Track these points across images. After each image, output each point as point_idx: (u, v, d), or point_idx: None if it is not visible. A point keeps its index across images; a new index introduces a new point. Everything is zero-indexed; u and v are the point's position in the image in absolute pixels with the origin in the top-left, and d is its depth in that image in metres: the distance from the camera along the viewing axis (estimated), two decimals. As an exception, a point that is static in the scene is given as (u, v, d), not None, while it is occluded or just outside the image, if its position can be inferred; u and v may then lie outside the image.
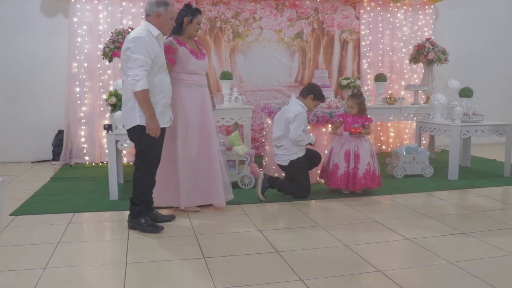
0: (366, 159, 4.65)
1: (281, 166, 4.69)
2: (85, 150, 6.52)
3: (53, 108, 6.65)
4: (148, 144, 3.56)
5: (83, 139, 6.49)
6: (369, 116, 4.85)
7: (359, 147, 4.69)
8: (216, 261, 3.06)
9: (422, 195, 4.83)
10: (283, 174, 4.86)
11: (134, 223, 3.70)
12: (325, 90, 5.64)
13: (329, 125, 5.25)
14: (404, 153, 5.63)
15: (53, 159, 6.58)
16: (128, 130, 3.63)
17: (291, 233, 3.61)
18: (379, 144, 7.60)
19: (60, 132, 6.64)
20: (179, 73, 4.11)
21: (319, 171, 5.02)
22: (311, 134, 4.84)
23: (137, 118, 3.51)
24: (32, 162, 6.65)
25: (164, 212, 4.03)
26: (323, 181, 4.95)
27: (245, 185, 5.03)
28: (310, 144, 4.71)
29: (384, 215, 4.11)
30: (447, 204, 4.47)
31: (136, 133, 3.56)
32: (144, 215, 3.71)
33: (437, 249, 3.25)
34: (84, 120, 6.47)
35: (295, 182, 4.61)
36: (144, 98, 3.44)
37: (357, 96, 4.76)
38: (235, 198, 4.52)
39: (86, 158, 6.52)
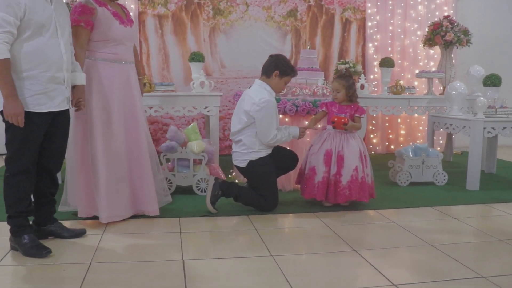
0: (352, 162, 3.42)
1: (238, 168, 3.52)
2: None
3: None
4: (16, 134, 2.45)
5: None
6: (360, 106, 3.62)
7: (344, 146, 3.46)
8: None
9: (430, 211, 3.57)
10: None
11: (15, 243, 2.61)
12: (313, 75, 4.44)
13: (312, 117, 4.04)
14: (410, 155, 4.38)
15: None
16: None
17: (226, 264, 2.45)
18: (387, 144, 6.32)
19: None
20: (97, 43, 3.01)
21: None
22: (293, 126, 3.59)
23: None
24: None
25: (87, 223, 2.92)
26: (299, 187, 3.75)
27: (201, 191, 3.87)
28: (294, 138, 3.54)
29: (368, 241, 2.90)
30: (463, 226, 3.21)
31: (4, 120, 2.47)
32: (28, 230, 2.61)
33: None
34: None
35: (257, 190, 3.43)
36: (1, 71, 2.32)
37: (344, 77, 3.53)
38: (175, 207, 3.41)
39: None
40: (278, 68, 3.42)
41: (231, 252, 2.65)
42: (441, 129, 4.81)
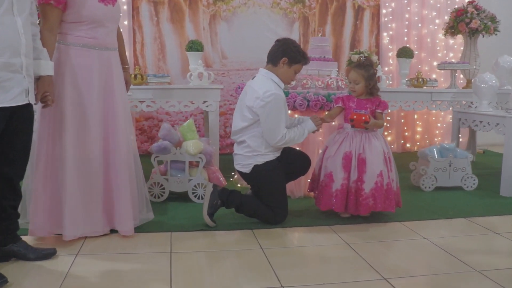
0: (376, 166, 2.88)
1: (241, 174, 2.98)
2: None
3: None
4: None
5: None
6: (381, 99, 3.07)
7: (365, 147, 2.92)
8: None
9: (465, 224, 3.02)
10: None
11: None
12: (325, 65, 3.89)
13: (326, 114, 3.51)
14: (436, 156, 3.83)
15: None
16: None
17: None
18: (402, 142, 5.76)
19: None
20: (71, 25, 2.47)
21: (309, 180, 3.29)
22: (305, 118, 3.04)
23: None
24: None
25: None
26: (313, 196, 3.21)
27: (198, 198, 3.34)
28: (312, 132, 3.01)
29: (400, 265, 2.35)
30: (502, 242, 2.68)
31: None
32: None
33: None
34: None
35: (263, 199, 2.90)
36: None
37: (364, 66, 2.98)
38: (167, 218, 2.91)
39: None
40: (286, 55, 2.86)
41: (231, 282, 2.12)
42: (468, 127, 4.26)
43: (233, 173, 3.99)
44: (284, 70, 2.88)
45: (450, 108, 4.55)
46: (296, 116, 3.30)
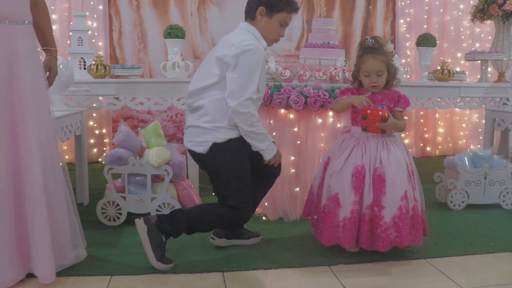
0: (400, 185, 2.07)
1: (194, 156, 2.15)
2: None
3: None
4: None
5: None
6: (401, 93, 2.25)
7: (384, 159, 2.11)
8: None
9: (508, 259, 2.20)
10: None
11: None
12: (329, 53, 3.10)
13: (330, 113, 2.70)
14: (468, 166, 3.01)
15: None
16: None
17: None
18: (421, 145, 4.91)
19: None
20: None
21: (306, 197, 2.48)
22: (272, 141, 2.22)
23: None
24: None
25: None
26: (311, 223, 2.40)
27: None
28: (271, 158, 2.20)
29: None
30: None
31: None
32: None
33: None
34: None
35: (221, 192, 2.12)
36: None
37: (381, 50, 2.17)
38: (116, 250, 2.15)
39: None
40: (262, 2, 2.10)
41: None
42: (505, 129, 3.42)
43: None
44: (265, 23, 2.14)
45: (483, 106, 3.70)
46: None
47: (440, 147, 4.94)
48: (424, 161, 4.66)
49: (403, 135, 4.82)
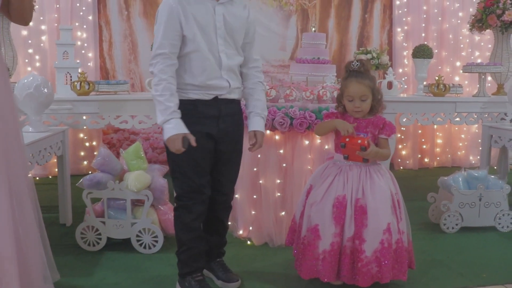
0: (382, 217, 1.96)
1: None
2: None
3: None
4: None
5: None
6: (387, 120, 2.15)
7: (366, 189, 2.00)
8: None
9: (505, 294, 2.11)
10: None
11: None
12: (318, 69, 3.00)
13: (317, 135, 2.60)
14: (462, 187, 2.90)
15: None
16: None
17: None
18: (419, 156, 4.80)
19: None
20: None
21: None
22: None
23: None
24: None
25: None
26: (293, 253, 2.30)
27: (144, 246, 2.49)
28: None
29: None
30: None
31: None
32: None
33: None
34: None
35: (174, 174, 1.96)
36: None
37: (366, 74, 2.05)
38: (92, 281, 2.04)
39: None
40: None
41: None
42: (503, 147, 3.31)
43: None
44: None
45: (480, 121, 3.58)
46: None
47: (438, 158, 4.83)
48: (421, 173, 4.56)
49: (400, 146, 4.72)
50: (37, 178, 4.15)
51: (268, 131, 2.57)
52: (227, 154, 1.99)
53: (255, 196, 2.64)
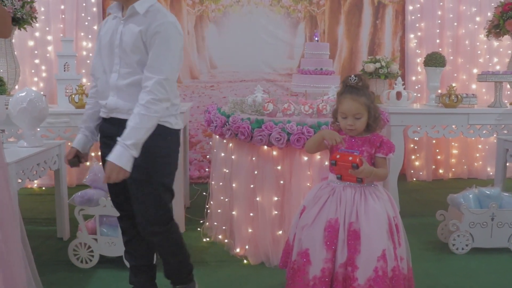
0: (376, 243, 1.84)
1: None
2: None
3: None
4: None
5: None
6: (384, 138, 2.02)
7: (360, 212, 1.89)
8: None
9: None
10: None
11: None
12: (321, 80, 2.90)
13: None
14: (473, 205, 2.74)
15: None
16: None
17: None
18: (433, 167, 4.61)
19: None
20: None
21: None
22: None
23: None
24: None
25: None
26: (286, 276, 2.19)
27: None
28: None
29: None
30: None
31: None
32: None
33: None
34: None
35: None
36: None
37: (362, 91, 1.92)
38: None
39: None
40: None
41: None
42: (518, 161, 3.13)
43: (201, 220, 3.07)
44: None
45: (494, 135, 3.40)
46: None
47: (453, 169, 4.64)
48: (435, 185, 4.38)
49: (413, 157, 4.56)
50: (43, 188, 4.15)
51: (265, 146, 2.48)
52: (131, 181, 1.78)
53: (251, 214, 2.55)
